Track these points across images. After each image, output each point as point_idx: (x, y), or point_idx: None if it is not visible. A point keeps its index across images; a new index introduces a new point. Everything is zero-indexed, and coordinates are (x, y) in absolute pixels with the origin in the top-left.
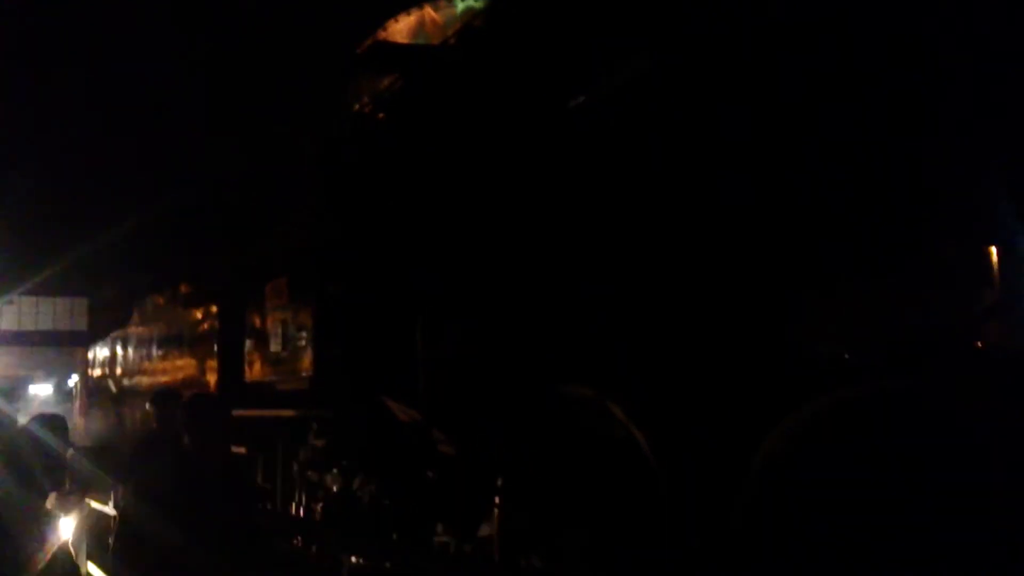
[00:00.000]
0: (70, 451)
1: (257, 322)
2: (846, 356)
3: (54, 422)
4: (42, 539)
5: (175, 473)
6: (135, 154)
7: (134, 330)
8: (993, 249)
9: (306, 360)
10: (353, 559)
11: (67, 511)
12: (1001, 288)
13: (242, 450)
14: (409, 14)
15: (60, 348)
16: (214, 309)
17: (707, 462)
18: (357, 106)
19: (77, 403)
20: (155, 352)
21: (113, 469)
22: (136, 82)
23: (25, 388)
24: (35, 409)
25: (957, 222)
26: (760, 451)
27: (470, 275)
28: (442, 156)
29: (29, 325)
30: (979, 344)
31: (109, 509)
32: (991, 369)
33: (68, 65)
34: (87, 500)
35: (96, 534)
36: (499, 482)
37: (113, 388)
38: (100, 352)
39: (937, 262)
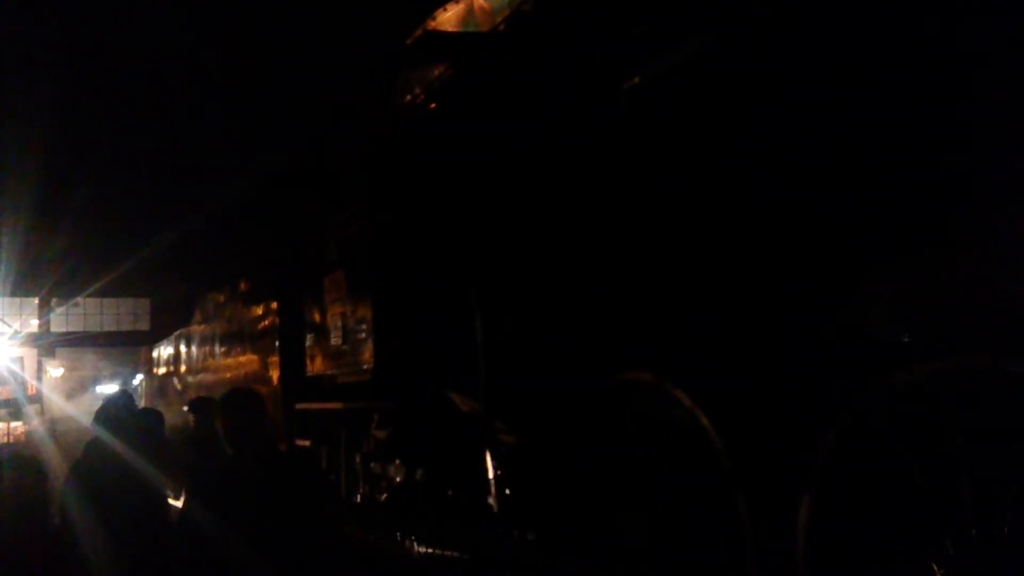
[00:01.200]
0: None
1: (316, 316)
2: (914, 335)
3: (158, 416)
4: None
5: (225, 475)
6: (189, 157)
7: (195, 328)
8: None
9: (366, 352)
10: (418, 548)
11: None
12: None
13: (306, 443)
14: (458, 2)
15: (125, 348)
16: (273, 305)
17: (775, 448)
18: (409, 97)
19: (142, 402)
20: (217, 350)
21: (176, 466)
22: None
23: (92, 388)
24: None
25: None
26: (830, 433)
27: (529, 264)
28: (496, 144)
29: (94, 326)
30: None
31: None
32: None
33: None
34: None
35: None
36: (560, 471)
37: (176, 386)
38: (163, 351)
39: (996, 240)
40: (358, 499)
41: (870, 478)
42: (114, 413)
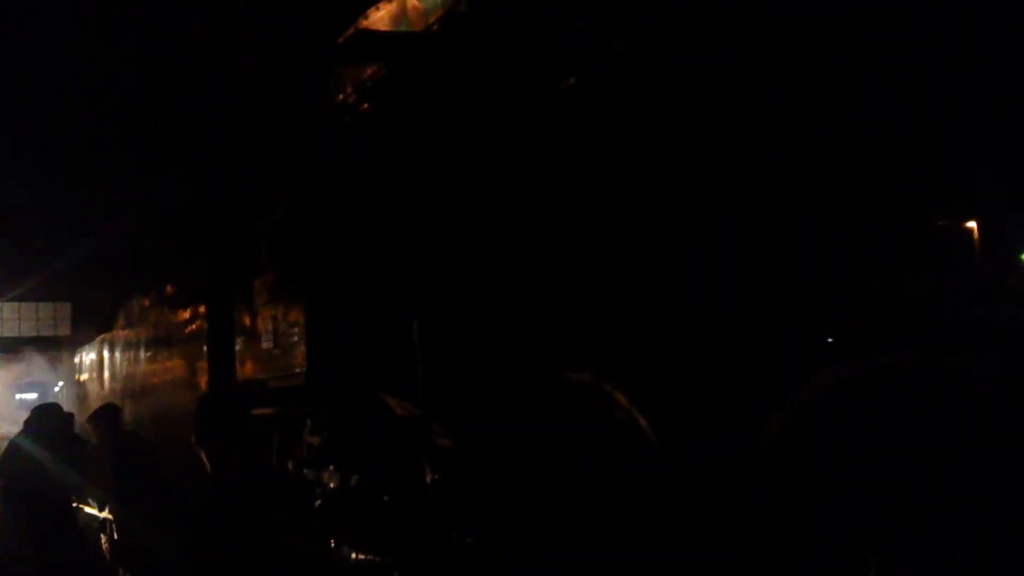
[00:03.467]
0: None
1: (247, 319)
2: (842, 334)
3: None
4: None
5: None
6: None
7: (120, 333)
8: (976, 225)
9: (299, 356)
10: (353, 555)
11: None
12: (987, 261)
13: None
14: (390, 1)
15: (46, 354)
16: (201, 308)
17: (710, 444)
18: (341, 96)
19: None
20: (142, 355)
21: (101, 474)
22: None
23: (12, 396)
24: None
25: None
26: (764, 432)
27: (465, 265)
28: (430, 145)
29: (11, 332)
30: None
31: (97, 512)
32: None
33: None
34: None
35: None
36: (500, 472)
37: (100, 392)
38: (85, 357)
39: (927, 238)
40: (291, 506)
41: (808, 472)
42: (38, 421)
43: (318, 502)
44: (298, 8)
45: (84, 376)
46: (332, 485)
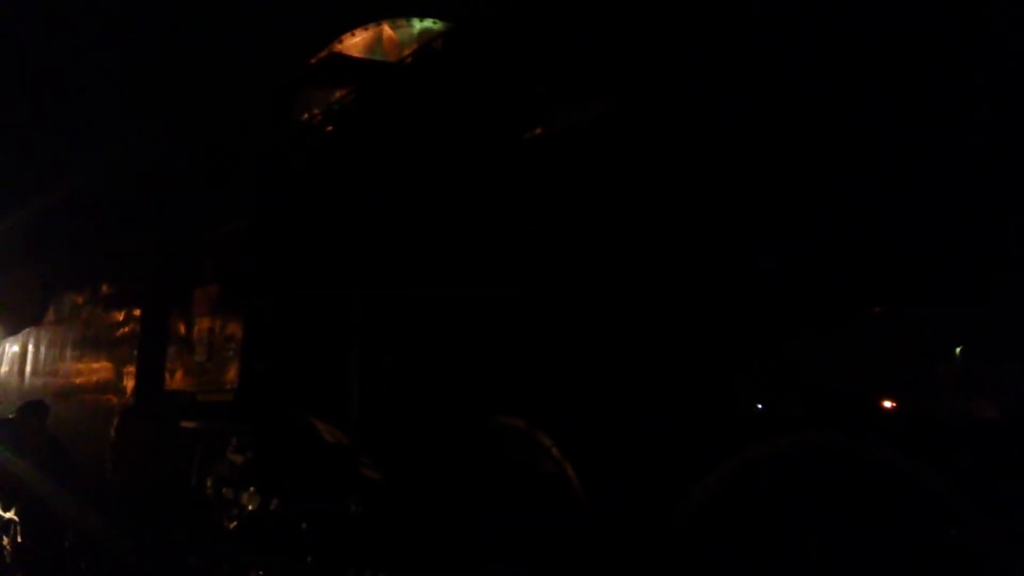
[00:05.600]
0: None
1: (182, 328)
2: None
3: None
4: None
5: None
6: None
7: (48, 327)
8: (915, 315)
9: (231, 372)
10: None
11: None
12: (918, 352)
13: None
14: (366, 29)
15: None
16: (136, 312)
17: (635, 501)
18: (307, 116)
19: None
20: (69, 352)
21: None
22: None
23: None
24: None
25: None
26: (687, 501)
27: (409, 301)
28: (388, 175)
29: None
30: (888, 405)
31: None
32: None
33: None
34: None
35: None
36: (425, 510)
37: (21, 388)
38: (7, 349)
39: (863, 326)
40: (208, 524)
41: (727, 540)
42: None
43: (234, 523)
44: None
45: (4, 369)
46: (251, 507)
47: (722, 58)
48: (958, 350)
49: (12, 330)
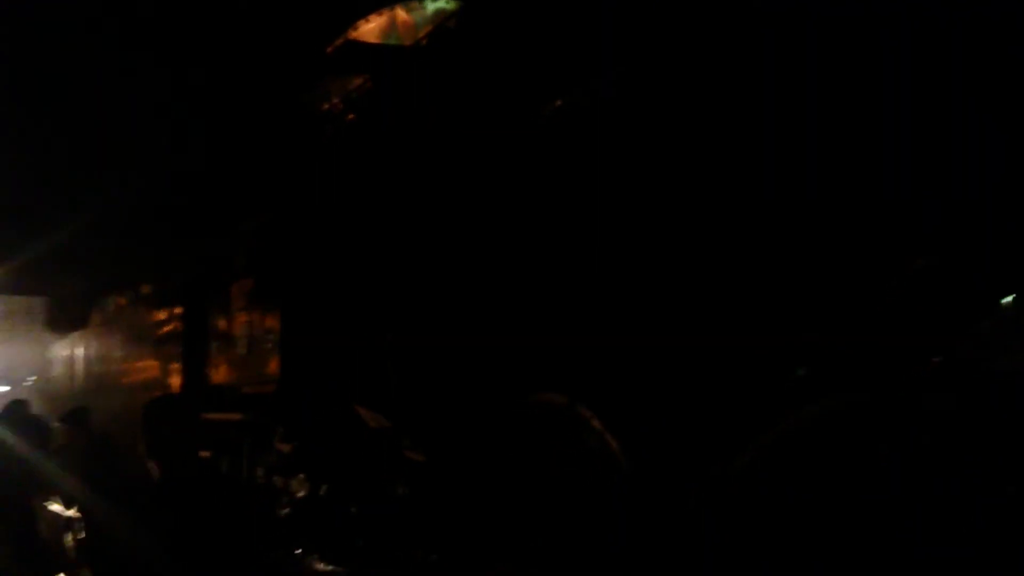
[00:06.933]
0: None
1: (223, 324)
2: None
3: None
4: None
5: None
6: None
7: (94, 330)
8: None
9: (273, 364)
10: (320, 566)
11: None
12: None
13: (207, 453)
14: (380, 14)
15: (16, 348)
16: (178, 310)
17: (681, 471)
18: (326, 106)
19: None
20: (117, 353)
21: (72, 471)
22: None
23: None
24: None
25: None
26: (734, 464)
27: (443, 282)
28: (412, 159)
29: None
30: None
31: (63, 510)
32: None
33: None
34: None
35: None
36: (469, 489)
37: (73, 389)
38: (59, 353)
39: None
40: (259, 513)
41: (774, 508)
42: (12, 415)
43: (285, 510)
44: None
45: (57, 371)
46: (301, 494)
47: None
48: (1007, 300)
49: (61, 334)
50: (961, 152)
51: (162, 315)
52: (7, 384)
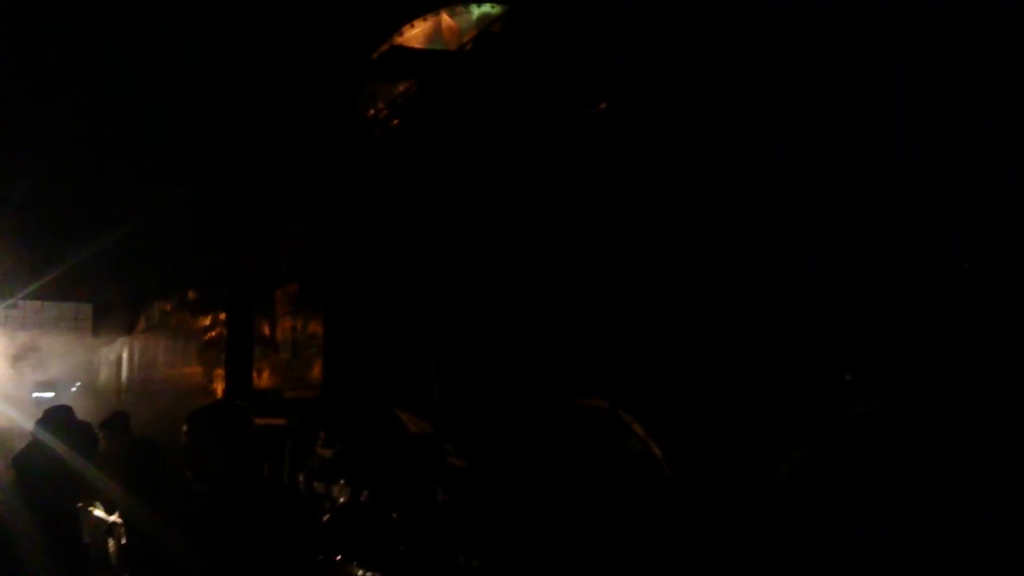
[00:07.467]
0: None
1: (266, 329)
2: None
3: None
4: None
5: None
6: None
7: (139, 336)
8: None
9: (316, 368)
10: (360, 572)
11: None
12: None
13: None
14: (425, 20)
15: (62, 355)
16: (222, 315)
17: (725, 476)
18: (372, 111)
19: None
20: (161, 358)
21: (114, 477)
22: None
23: (29, 394)
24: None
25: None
26: (778, 469)
27: (485, 287)
28: (457, 164)
29: (33, 329)
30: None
31: (106, 515)
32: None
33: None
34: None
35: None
36: (511, 495)
37: (119, 395)
38: (104, 358)
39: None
40: (300, 518)
41: (819, 513)
42: (55, 419)
43: (327, 516)
44: (332, 22)
45: (102, 377)
46: (342, 499)
47: None
48: None
49: (107, 340)
50: (1001, 153)
51: (206, 320)
52: (52, 391)
